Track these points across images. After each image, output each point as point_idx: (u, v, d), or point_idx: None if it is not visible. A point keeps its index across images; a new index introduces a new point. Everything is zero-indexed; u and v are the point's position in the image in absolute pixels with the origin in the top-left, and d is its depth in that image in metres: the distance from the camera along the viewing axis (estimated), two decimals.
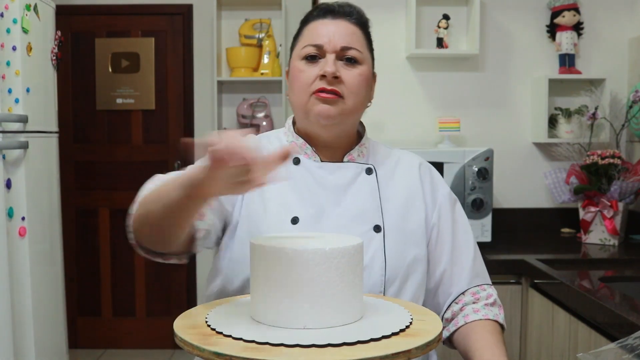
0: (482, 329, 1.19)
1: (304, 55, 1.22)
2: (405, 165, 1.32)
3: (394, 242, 1.21)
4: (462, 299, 1.27)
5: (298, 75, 1.22)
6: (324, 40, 1.21)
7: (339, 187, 1.23)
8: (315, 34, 1.22)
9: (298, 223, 1.19)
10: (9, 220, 2.47)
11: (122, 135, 4.04)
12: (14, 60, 2.53)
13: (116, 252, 4.07)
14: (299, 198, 1.22)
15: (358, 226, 1.20)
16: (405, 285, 1.22)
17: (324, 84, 1.19)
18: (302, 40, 1.24)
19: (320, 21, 1.23)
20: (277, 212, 1.21)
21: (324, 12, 1.24)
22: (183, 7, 3.98)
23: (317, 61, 1.21)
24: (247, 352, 0.80)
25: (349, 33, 1.22)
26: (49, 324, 2.78)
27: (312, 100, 1.20)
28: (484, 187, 2.42)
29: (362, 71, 1.23)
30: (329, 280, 0.89)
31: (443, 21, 2.73)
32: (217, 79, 3.70)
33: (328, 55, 1.20)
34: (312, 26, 1.24)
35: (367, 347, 0.82)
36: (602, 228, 2.48)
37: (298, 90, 1.22)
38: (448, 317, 1.27)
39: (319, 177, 1.24)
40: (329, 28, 1.22)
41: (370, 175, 1.26)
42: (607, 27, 2.80)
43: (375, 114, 2.79)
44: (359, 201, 1.23)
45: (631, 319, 1.44)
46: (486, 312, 1.24)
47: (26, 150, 2.57)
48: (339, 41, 1.21)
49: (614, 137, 2.63)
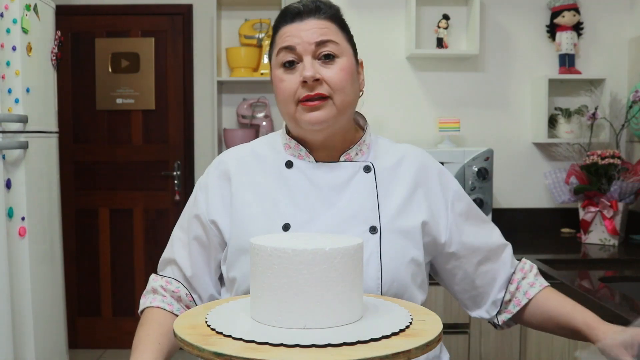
0: (553, 296, 1.30)
1: (281, 63, 1.18)
2: (410, 161, 1.28)
3: (392, 243, 1.18)
4: (514, 278, 1.32)
5: (279, 85, 1.19)
6: (296, 41, 1.17)
7: (334, 188, 1.21)
8: (286, 38, 1.18)
9: (289, 230, 1.18)
10: (9, 220, 2.47)
11: (122, 135, 4.04)
12: (14, 60, 2.53)
13: (116, 252, 4.07)
14: (291, 203, 1.20)
15: (353, 227, 1.18)
16: (403, 289, 1.19)
17: (307, 90, 1.15)
18: (275, 47, 1.21)
19: (289, 25, 1.19)
20: (269, 219, 1.20)
21: (291, 15, 1.20)
22: (183, 7, 3.98)
23: (295, 67, 1.17)
24: (247, 352, 0.80)
25: (321, 28, 1.18)
26: (49, 324, 2.78)
27: (299, 109, 1.17)
28: (484, 187, 2.42)
29: (343, 65, 1.18)
30: (329, 280, 0.89)
31: (443, 21, 2.73)
32: (217, 79, 3.70)
33: (305, 57, 1.16)
34: (282, 32, 1.20)
35: (367, 347, 0.82)
36: (602, 228, 2.48)
37: (283, 101, 1.19)
38: (507, 299, 1.31)
39: (314, 178, 1.21)
40: (299, 29, 1.18)
41: (368, 174, 1.22)
42: (607, 27, 2.80)
43: (375, 114, 2.80)
44: (354, 201, 1.20)
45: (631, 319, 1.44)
46: (540, 281, 1.32)
47: (26, 150, 2.57)
48: (311, 38, 1.16)
49: (614, 137, 2.63)
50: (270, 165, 1.25)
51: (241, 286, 1.21)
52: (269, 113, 3.83)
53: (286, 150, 1.26)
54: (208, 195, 1.26)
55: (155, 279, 1.29)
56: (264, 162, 1.26)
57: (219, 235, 1.25)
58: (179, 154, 4.03)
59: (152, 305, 1.25)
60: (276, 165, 1.24)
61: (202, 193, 1.27)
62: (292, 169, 1.23)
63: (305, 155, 1.23)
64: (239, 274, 1.21)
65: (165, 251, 1.32)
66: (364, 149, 1.26)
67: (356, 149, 1.25)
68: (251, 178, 1.24)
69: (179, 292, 1.27)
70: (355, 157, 1.24)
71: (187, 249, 1.28)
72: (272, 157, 1.26)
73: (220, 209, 1.24)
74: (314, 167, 1.22)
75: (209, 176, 1.28)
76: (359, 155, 1.25)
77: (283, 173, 1.23)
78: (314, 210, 1.19)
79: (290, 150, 1.25)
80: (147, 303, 1.26)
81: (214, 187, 1.26)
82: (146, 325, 1.21)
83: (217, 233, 1.24)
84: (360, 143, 1.25)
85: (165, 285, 1.27)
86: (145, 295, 1.28)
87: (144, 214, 4.06)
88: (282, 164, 1.24)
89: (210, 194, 1.26)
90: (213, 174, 1.28)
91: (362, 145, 1.26)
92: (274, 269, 0.89)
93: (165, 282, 1.28)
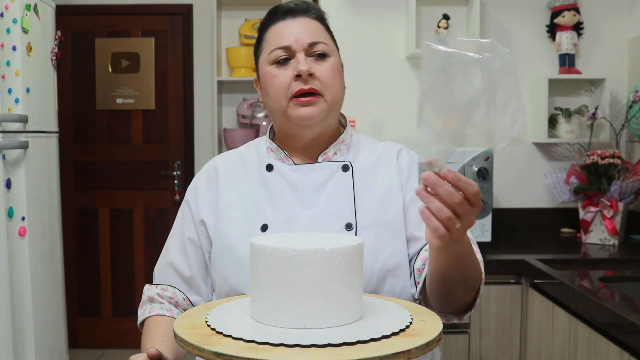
0: None
1: (273, 60, 1.22)
2: (386, 157, 1.30)
3: (370, 239, 1.18)
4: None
5: (272, 80, 1.22)
6: (291, 40, 1.21)
7: (312, 188, 1.23)
8: (280, 36, 1.22)
9: (267, 230, 1.20)
10: (9, 220, 2.47)
11: (122, 135, 4.04)
12: (14, 60, 2.53)
13: (116, 252, 4.07)
14: (270, 205, 1.22)
15: (329, 225, 1.19)
16: (382, 282, 1.19)
17: (300, 84, 1.19)
18: (267, 45, 1.24)
19: (282, 23, 1.23)
20: (248, 221, 1.22)
21: (282, 13, 1.24)
22: (183, 7, 3.98)
23: (288, 63, 1.21)
24: (247, 352, 0.80)
25: (313, 28, 1.23)
26: (49, 324, 2.78)
27: (291, 105, 1.20)
28: (484, 187, 2.42)
29: (333, 63, 1.23)
30: (329, 280, 0.89)
31: (443, 21, 2.73)
32: (217, 79, 3.70)
33: (298, 54, 1.20)
34: (274, 29, 1.24)
35: (367, 347, 0.82)
36: (602, 228, 2.48)
37: (275, 96, 1.22)
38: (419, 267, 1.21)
39: (292, 181, 1.24)
40: (293, 27, 1.22)
41: (346, 172, 1.24)
42: (607, 27, 2.80)
43: (375, 114, 2.80)
44: (332, 200, 1.22)
45: (631, 319, 1.44)
46: None
47: (26, 150, 2.57)
48: (306, 38, 1.21)
49: (614, 137, 2.63)
50: (253, 169, 1.28)
51: (223, 288, 1.22)
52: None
53: (268, 154, 1.29)
54: (197, 196, 1.29)
55: (150, 288, 1.31)
56: (249, 166, 1.29)
57: (208, 235, 1.27)
58: (179, 153, 4.03)
59: (151, 315, 1.26)
60: (259, 169, 1.27)
61: (192, 196, 1.31)
62: (272, 172, 1.26)
63: (285, 158, 1.26)
64: (219, 275, 1.23)
65: (160, 258, 1.34)
66: (342, 149, 1.28)
67: (334, 149, 1.27)
68: (236, 182, 1.28)
69: (176, 297, 1.28)
70: (333, 157, 1.27)
71: (182, 250, 1.29)
72: (256, 161, 1.29)
73: (208, 210, 1.27)
74: (293, 170, 1.25)
75: (198, 180, 1.33)
76: (338, 154, 1.27)
77: (264, 176, 1.26)
78: (292, 210, 1.21)
79: (272, 154, 1.28)
80: (146, 314, 1.27)
81: (202, 189, 1.30)
82: (149, 332, 1.23)
83: (206, 233, 1.27)
84: (338, 142, 1.28)
85: (161, 292, 1.29)
86: (142, 306, 1.29)
87: (144, 214, 4.06)
88: (263, 167, 1.27)
89: (199, 195, 1.29)
90: (202, 177, 1.32)
91: (340, 144, 1.28)
92: (274, 269, 0.89)
93: (160, 290, 1.29)
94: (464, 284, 1.09)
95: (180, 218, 1.33)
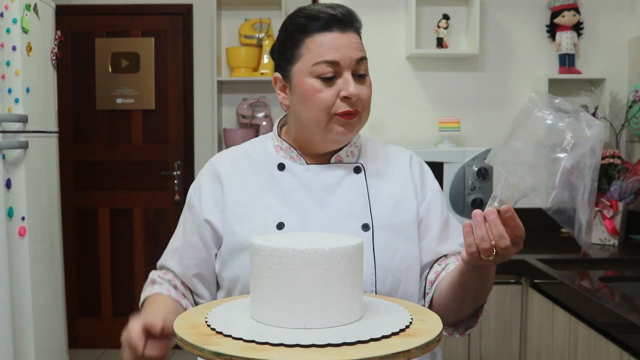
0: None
1: (318, 74, 1.16)
2: (397, 161, 1.31)
3: (384, 240, 1.21)
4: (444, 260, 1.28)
5: (315, 95, 1.17)
6: (338, 56, 1.15)
7: (325, 189, 1.23)
8: (328, 49, 1.16)
9: (283, 228, 1.19)
10: (9, 220, 2.47)
11: (122, 135, 4.04)
12: (14, 60, 2.54)
13: (116, 252, 4.07)
14: (284, 203, 1.22)
15: (345, 226, 1.20)
16: (397, 283, 1.21)
17: (347, 106, 1.17)
18: (309, 54, 1.17)
19: (329, 34, 1.16)
20: (262, 219, 1.21)
21: (328, 22, 1.17)
22: (183, 7, 3.98)
23: (334, 81, 1.17)
24: (247, 352, 0.80)
25: (358, 43, 1.19)
26: (48, 324, 2.78)
27: (333, 121, 1.18)
28: (484, 187, 2.42)
29: (369, 82, 1.22)
30: (329, 280, 0.89)
31: (443, 21, 2.73)
32: (217, 79, 3.70)
33: (345, 73, 1.17)
34: (319, 39, 1.16)
35: (367, 347, 0.82)
36: (602, 228, 2.48)
37: (316, 110, 1.18)
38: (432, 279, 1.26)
39: (305, 180, 1.23)
40: (341, 42, 1.16)
41: (358, 174, 1.25)
42: (607, 27, 2.80)
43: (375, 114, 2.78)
44: (346, 201, 1.22)
45: (631, 319, 1.44)
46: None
47: (26, 150, 2.57)
48: (354, 55, 1.17)
49: (614, 137, 2.63)
50: (261, 167, 1.27)
51: (236, 286, 1.22)
52: (268, 113, 3.82)
53: (277, 152, 1.28)
54: (201, 196, 1.28)
55: (153, 273, 1.33)
56: (255, 163, 1.28)
57: (214, 234, 1.26)
58: (179, 154, 4.03)
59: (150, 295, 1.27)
60: (267, 167, 1.26)
61: (196, 195, 1.30)
62: (284, 172, 1.25)
63: (297, 158, 1.26)
64: (231, 274, 1.22)
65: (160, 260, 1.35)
66: (354, 151, 1.29)
67: (347, 151, 1.27)
68: (242, 179, 1.27)
69: (175, 280, 1.30)
70: (345, 159, 1.27)
71: (177, 253, 1.30)
72: (263, 159, 1.28)
73: (212, 208, 1.26)
74: (306, 170, 1.24)
75: (201, 179, 1.31)
76: (350, 157, 1.28)
77: (275, 175, 1.25)
78: (306, 209, 1.21)
79: (282, 153, 1.27)
80: (146, 294, 1.28)
81: (206, 188, 1.29)
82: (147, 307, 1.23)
83: (212, 232, 1.26)
84: (350, 145, 1.28)
85: (162, 275, 1.31)
86: (145, 288, 1.31)
87: (143, 214, 4.06)
88: (273, 166, 1.26)
89: (202, 194, 1.28)
90: (205, 176, 1.31)
91: (352, 147, 1.28)
92: (274, 269, 0.89)
93: (162, 273, 1.31)
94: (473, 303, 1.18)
95: (183, 218, 1.33)
